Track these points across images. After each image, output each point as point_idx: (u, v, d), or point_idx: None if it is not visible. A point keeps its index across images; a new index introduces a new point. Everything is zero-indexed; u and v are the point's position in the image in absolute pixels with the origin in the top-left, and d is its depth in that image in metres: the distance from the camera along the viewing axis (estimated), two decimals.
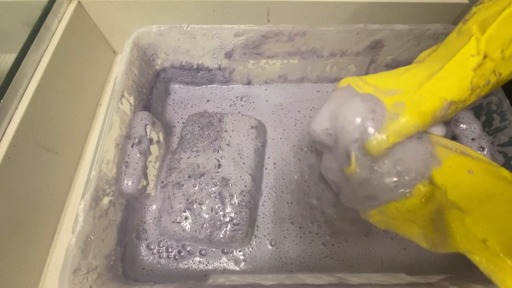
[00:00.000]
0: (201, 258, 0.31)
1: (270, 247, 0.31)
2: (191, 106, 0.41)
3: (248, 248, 0.31)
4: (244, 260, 0.31)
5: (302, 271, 0.30)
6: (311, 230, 0.32)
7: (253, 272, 0.30)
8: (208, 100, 0.41)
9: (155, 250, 0.31)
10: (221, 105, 0.41)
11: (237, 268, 0.31)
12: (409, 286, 0.26)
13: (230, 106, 0.41)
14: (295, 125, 0.39)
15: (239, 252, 0.31)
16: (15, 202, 0.29)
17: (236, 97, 0.41)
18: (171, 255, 0.31)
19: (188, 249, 0.31)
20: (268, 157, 0.37)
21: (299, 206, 0.33)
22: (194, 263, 0.31)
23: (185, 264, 0.31)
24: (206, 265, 0.31)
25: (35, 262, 0.32)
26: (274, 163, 0.36)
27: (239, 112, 0.40)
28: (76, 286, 0.23)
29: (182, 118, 0.40)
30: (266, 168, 0.36)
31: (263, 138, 0.37)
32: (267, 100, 0.41)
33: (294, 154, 0.37)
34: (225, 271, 0.30)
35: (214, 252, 0.31)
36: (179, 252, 0.31)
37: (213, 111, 0.40)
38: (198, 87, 0.42)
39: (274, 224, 0.33)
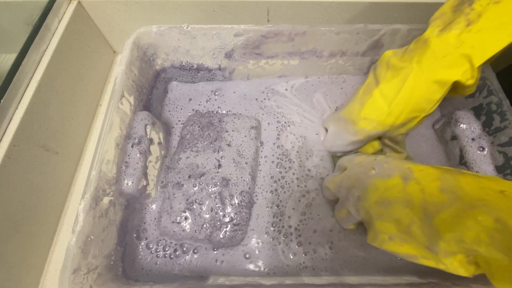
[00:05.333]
0: (201, 258, 0.31)
1: (267, 248, 0.31)
2: (181, 108, 0.40)
3: (249, 248, 0.31)
4: (244, 261, 0.31)
5: (301, 271, 0.30)
6: (286, 232, 0.32)
7: (253, 272, 0.30)
8: (190, 99, 0.40)
9: (155, 250, 0.31)
10: (200, 102, 0.40)
11: (237, 268, 0.31)
12: (409, 286, 0.26)
13: (207, 101, 0.40)
14: (260, 109, 0.39)
15: (240, 252, 0.31)
16: (15, 202, 0.29)
17: (211, 91, 0.41)
18: (171, 255, 0.31)
19: (188, 249, 0.31)
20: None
21: (292, 206, 0.33)
22: (194, 263, 0.31)
23: (185, 264, 0.31)
24: (206, 265, 0.31)
25: (35, 262, 0.32)
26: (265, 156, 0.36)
27: (219, 108, 0.40)
28: (76, 286, 0.23)
29: (179, 120, 0.39)
30: (264, 167, 0.36)
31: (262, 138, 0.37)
32: (234, 92, 0.41)
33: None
34: (225, 271, 0.30)
35: (214, 252, 0.31)
36: (179, 252, 0.31)
37: (196, 109, 0.39)
38: (188, 84, 0.42)
39: (271, 225, 0.32)
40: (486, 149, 0.31)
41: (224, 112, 0.39)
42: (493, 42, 0.23)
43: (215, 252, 0.31)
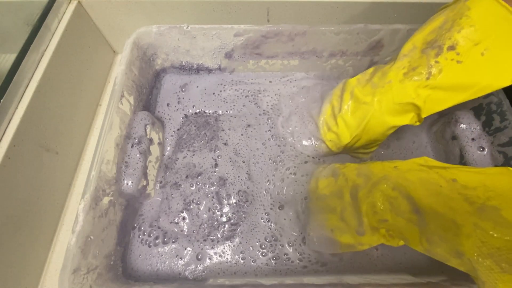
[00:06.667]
0: (201, 258, 0.31)
1: (268, 248, 0.31)
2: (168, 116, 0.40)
3: (247, 247, 0.31)
4: (243, 260, 0.31)
5: (301, 272, 0.30)
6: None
7: (253, 272, 0.30)
8: (168, 104, 0.39)
9: (155, 251, 0.31)
10: (176, 105, 0.39)
11: (237, 268, 0.31)
12: (409, 286, 0.26)
13: (178, 103, 0.40)
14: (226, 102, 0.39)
15: (239, 251, 0.31)
16: (15, 202, 0.29)
17: (180, 87, 0.40)
18: (171, 255, 0.31)
19: (187, 249, 0.31)
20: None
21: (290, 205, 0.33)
22: (194, 263, 0.31)
23: (185, 264, 0.31)
24: (206, 265, 0.31)
25: (35, 262, 0.32)
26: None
27: (193, 106, 0.39)
28: (76, 286, 0.24)
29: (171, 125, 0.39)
30: (261, 168, 0.36)
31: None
32: (197, 86, 0.40)
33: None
34: (224, 271, 0.30)
35: (214, 253, 0.31)
36: (179, 252, 0.31)
37: (185, 114, 0.39)
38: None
39: (273, 224, 0.32)
40: (486, 149, 0.31)
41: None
42: (443, 102, 0.26)
43: (214, 251, 0.31)
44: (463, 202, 0.20)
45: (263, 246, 0.31)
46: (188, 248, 0.31)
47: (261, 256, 0.31)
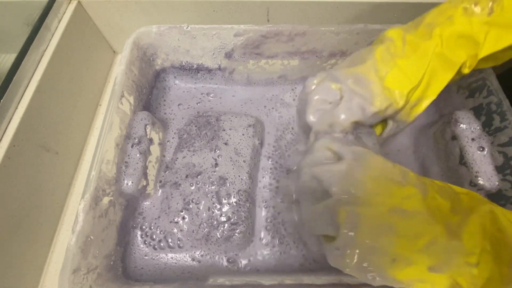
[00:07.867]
0: (201, 258, 0.31)
1: (268, 248, 0.31)
2: (176, 113, 0.40)
3: (247, 248, 0.31)
4: (243, 260, 0.31)
5: (301, 272, 0.30)
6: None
7: (253, 272, 0.30)
8: (179, 104, 0.40)
9: (155, 250, 0.31)
10: (189, 105, 0.40)
11: (237, 268, 0.31)
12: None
13: (197, 104, 0.40)
14: (267, 116, 0.39)
15: (239, 251, 0.31)
16: (15, 202, 0.29)
17: (202, 94, 0.41)
18: (171, 255, 0.31)
19: (188, 249, 0.31)
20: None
21: (291, 206, 0.33)
22: (194, 263, 0.31)
23: (185, 264, 0.31)
24: (206, 265, 0.31)
25: (35, 262, 0.32)
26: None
27: (211, 108, 0.39)
28: (76, 286, 0.24)
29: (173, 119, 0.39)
30: (262, 168, 0.36)
31: (261, 136, 0.37)
32: (233, 96, 0.41)
33: (278, 145, 0.37)
34: (224, 271, 0.30)
35: (214, 252, 0.31)
36: (179, 252, 0.31)
37: (197, 111, 0.39)
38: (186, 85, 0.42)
39: (273, 224, 0.32)
40: (486, 149, 0.31)
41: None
42: (503, 39, 0.25)
43: (219, 253, 0.31)
44: None
45: (264, 246, 0.31)
46: (188, 248, 0.31)
47: (262, 256, 0.31)
